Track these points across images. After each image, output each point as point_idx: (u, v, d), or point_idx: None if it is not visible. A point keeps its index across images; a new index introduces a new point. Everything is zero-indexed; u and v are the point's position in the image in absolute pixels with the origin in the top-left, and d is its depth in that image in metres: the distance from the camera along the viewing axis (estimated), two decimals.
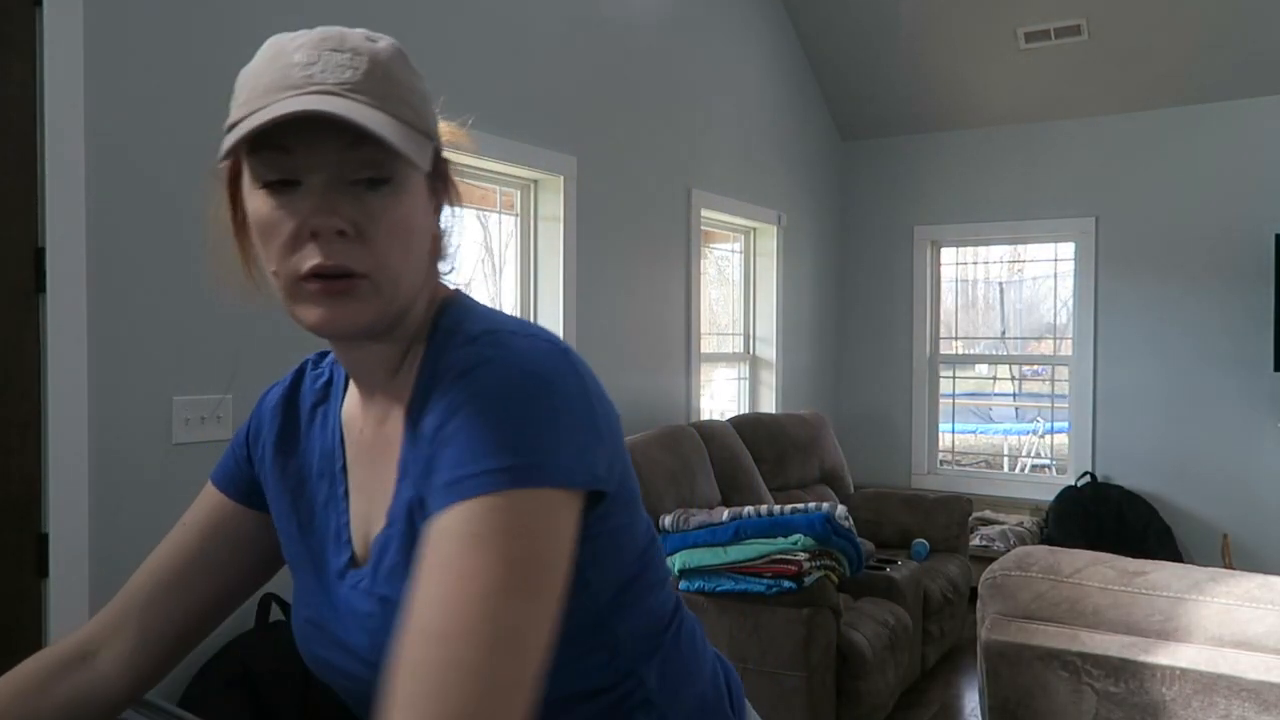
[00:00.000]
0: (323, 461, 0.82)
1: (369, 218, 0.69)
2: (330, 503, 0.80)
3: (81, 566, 1.86)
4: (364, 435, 0.79)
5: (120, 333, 1.94)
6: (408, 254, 0.72)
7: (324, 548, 0.80)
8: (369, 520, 0.77)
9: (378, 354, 0.76)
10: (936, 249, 5.18)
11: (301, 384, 0.88)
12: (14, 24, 1.76)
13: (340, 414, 0.83)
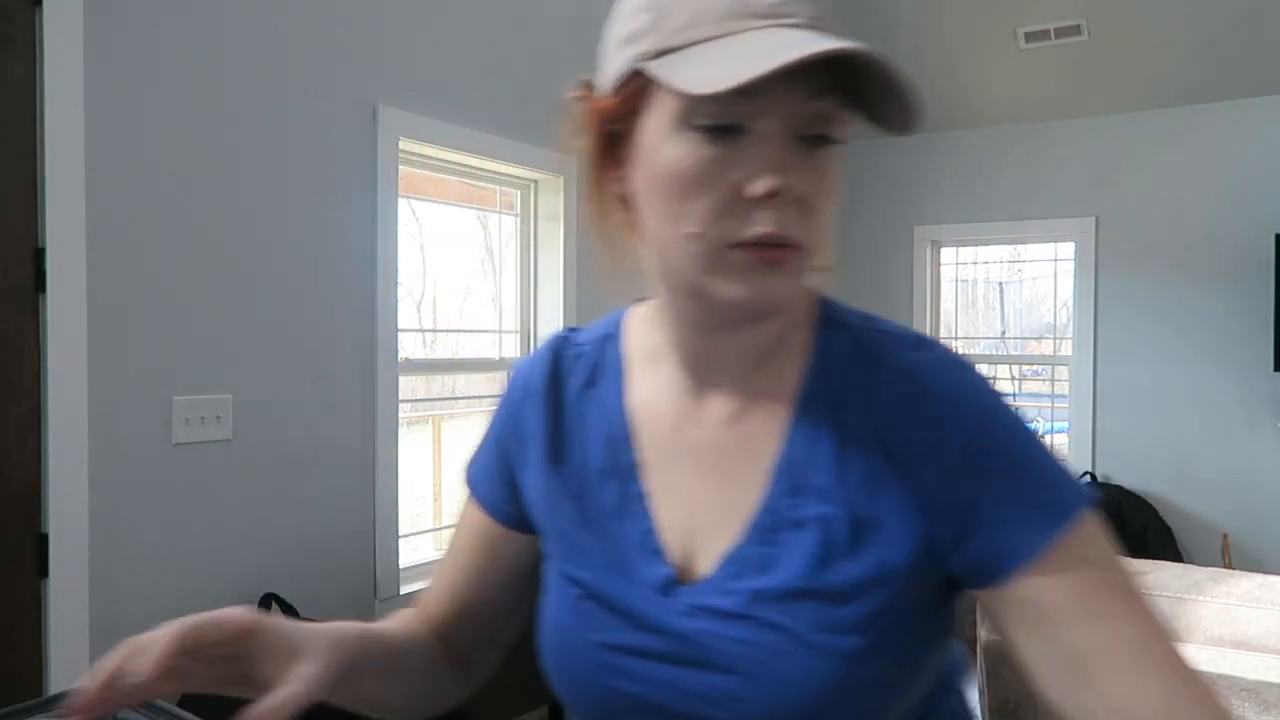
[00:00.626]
0: (608, 457, 0.71)
1: (817, 181, 0.59)
2: (626, 505, 0.69)
3: (81, 566, 1.86)
4: (683, 432, 0.69)
5: (120, 333, 1.94)
6: (827, 220, 0.61)
7: (623, 559, 0.68)
8: (696, 527, 0.67)
9: (753, 340, 0.66)
10: (936, 249, 5.18)
11: (560, 364, 0.76)
12: (14, 24, 1.76)
13: (622, 401, 0.72)
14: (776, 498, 0.64)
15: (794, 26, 0.57)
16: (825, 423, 0.64)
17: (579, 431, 0.73)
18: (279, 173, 2.24)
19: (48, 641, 1.82)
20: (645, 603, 0.66)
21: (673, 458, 0.69)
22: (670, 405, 0.70)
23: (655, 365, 0.72)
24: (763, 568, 0.63)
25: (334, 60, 2.36)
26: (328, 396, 2.37)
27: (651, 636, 0.66)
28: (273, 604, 2.17)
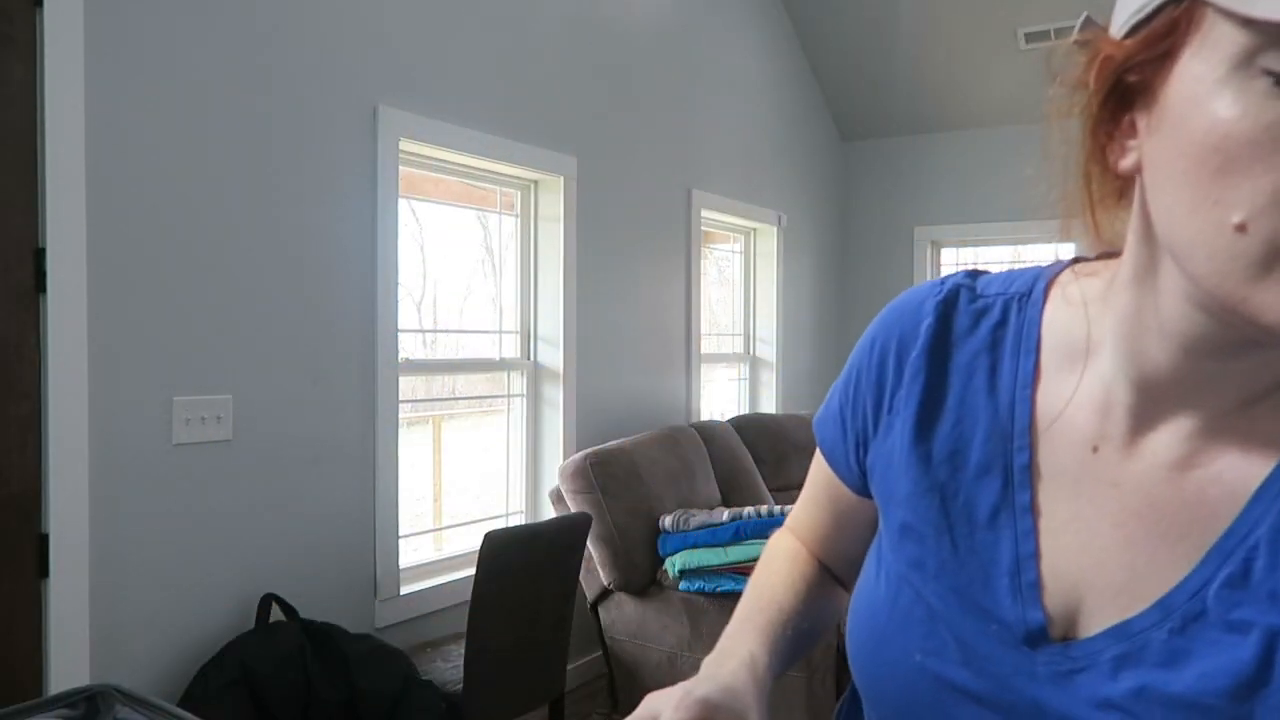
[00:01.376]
0: (992, 450, 0.57)
1: None
2: (1004, 516, 0.56)
3: (81, 566, 1.86)
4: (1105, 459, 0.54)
5: (120, 333, 1.94)
6: None
7: (984, 582, 0.56)
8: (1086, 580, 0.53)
9: (1258, 372, 0.49)
10: (936, 249, 5.18)
11: (954, 322, 0.61)
12: (14, 24, 1.76)
13: (1030, 390, 0.57)
14: (1212, 581, 0.49)
15: None
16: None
17: (961, 409, 0.59)
18: (279, 173, 2.24)
19: (48, 641, 1.82)
20: (999, 645, 0.55)
21: (1080, 484, 0.54)
22: (1094, 419, 0.55)
23: (1083, 360, 0.56)
24: (1166, 662, 0.49)
25: (334, 60, 2.36)
26: (328, 396, 2.37)
27: (996, 687, 0.54)
28: (273, 604, 2.17)
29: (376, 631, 2.45)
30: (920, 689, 0.57)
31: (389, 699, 2.11)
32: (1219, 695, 0.47)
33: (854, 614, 0.64)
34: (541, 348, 3.21)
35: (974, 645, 0.55)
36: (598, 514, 2.76)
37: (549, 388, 3.20)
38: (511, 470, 3.20)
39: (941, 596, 0.57)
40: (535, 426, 3.21)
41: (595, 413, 3.32)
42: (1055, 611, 0.54)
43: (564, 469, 2.89)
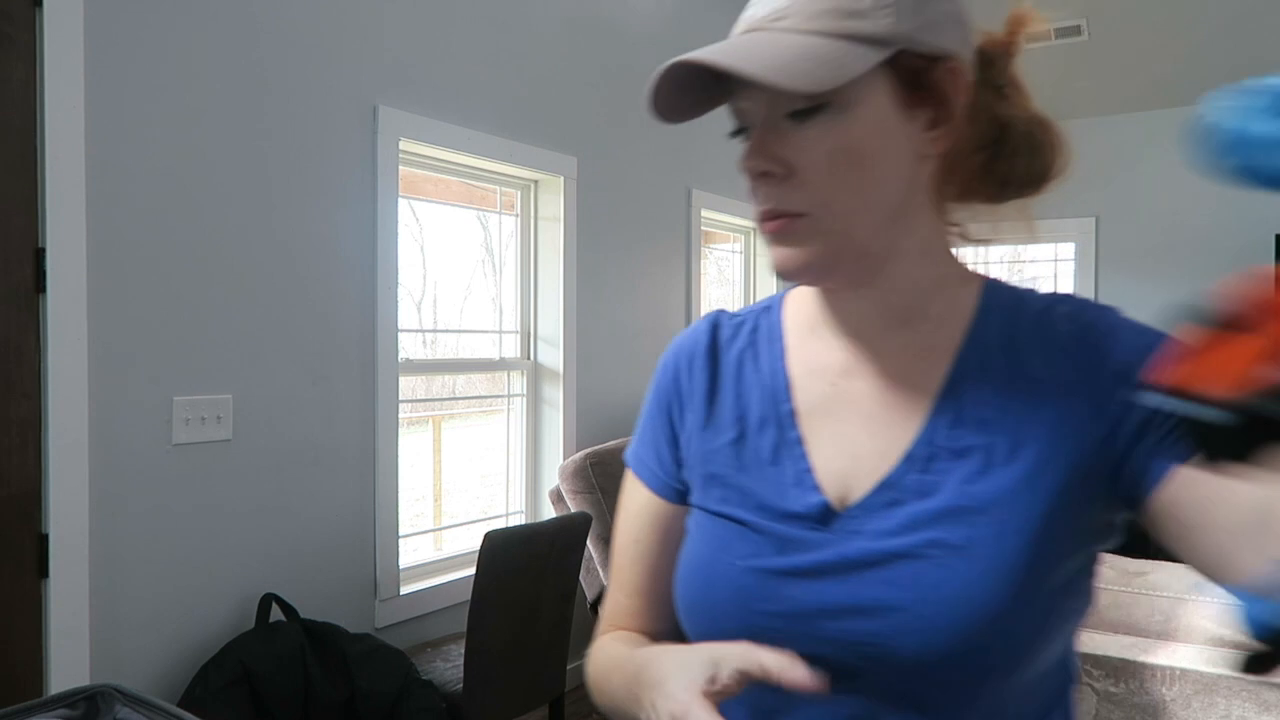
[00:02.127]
0: (764, 408, 0.75)
1: (800, 152, 0.64)
2: (782, 449, 0.73)
3: (81, 566, 1.86)
4: (837, 387, 0.73)
5: (120, 333, 1.94)
6: (860, 183, 0.64)
7: (779, 497, 0.71)
8: (852, 467, 0.70)
9: (872, 302, 0.71)
10: None
11: (719, 335, 0.82)
12: (14, 24, 1.76)
13: (783, 361, 0.77)
14: (936, 430, 0.68)
15: (748, 32, 0.65)
16: (989, 364, 0.68)
17: (738, 388, 0.78)
18: (279, 173, 2.24)
19: (48, 641, 1.82)
20: (798, 531, 0.69)
21: (830, 407, 0.73)
22: (828, 362, 0.74)
23: (814, 331, 0.76)
24: (921, 493, 0.66)
25: (334, 60, 2.36)
26: (328, 396, 2.37)
27: (803, 557, 0.68)
28: (273, 604, 2.17)
29: (376, 631, 2.45)
30: (748, 589, 0.69)
31: (389, 699, 2.11)
32: (964, 497, 0.65)
33: (680, 571, 0.76)
34: (541, 348, 3.21)
35: (782, 536, 0.70)
36: (598, 514, 2.76)
37: (549, 388, 3.20)
38: (511, 470, 3.20)
39: (751, 511, 0.72)
40: (535, 426, 3.21)
41: (595, 413, 3.32)
42: (833, 496, 0.70)
43: (564, 469, 2.89)
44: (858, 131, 0.63)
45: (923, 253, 0.70)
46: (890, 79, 0.64)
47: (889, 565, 0.65)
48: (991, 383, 0.68)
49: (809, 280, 0.70)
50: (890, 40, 0.62)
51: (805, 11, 0.63)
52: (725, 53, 0.61)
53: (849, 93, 0.62)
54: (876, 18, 0.62)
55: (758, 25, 0.65)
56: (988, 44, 0.72)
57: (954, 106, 0.66)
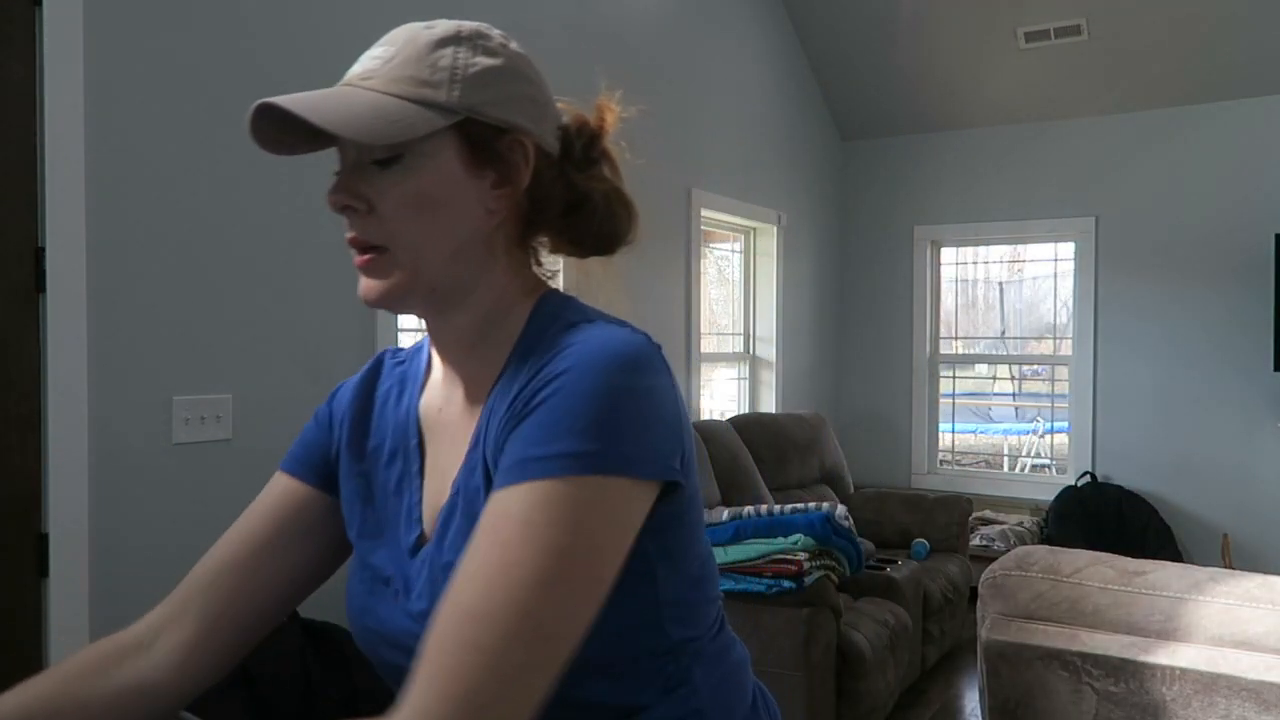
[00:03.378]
0: (395, 441, 0.82)
1: (380, 193, 0.73)
2: (404, 481, 0.80)
3: (81, 566, 1.86)
4: (443, 414, 0.80)
5: (120, 333, 1.94)
6: (428, 226, 0.73)
7: (396, 528, 0.79)
8: (439, 495, 0.77)
9: (450, 327, 0.78)
10: (936, 249, 5.18)
11: (380, 373, 0.89)
12: (14, 24, 1.76)
13: (418, 397, 0.83)
14: (470, 461, 0.74)
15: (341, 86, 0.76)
16: (503, 396, 0.73)
17: (380, 423, 0.85)
18: (278, 172, 2.24)
19: (48, 641, 1.82)
20: (404, 564, 0.77)
21: (437, 436, 0.80)
22: (441, 391, 0.81)
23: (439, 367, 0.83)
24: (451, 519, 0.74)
25: (334, 59, 2.36)
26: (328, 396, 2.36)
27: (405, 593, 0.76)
28: None
29: None
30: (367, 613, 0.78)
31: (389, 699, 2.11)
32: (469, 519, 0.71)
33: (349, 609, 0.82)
34: None
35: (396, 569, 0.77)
36: None
37: None
38: None
39: (379, 553, 0.79)
40: None
41: None
42: (428, 526, 0.76)
43: None
44: (426, 181, 0.73)
45: (492, 286, 0.77)
46: (458, 141, 0.74)
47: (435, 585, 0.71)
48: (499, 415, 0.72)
49: (389, 307, 0.75)
50: (456, 109, 0.73)
51: (389, 76, 0.74)
52: (305, 101, 0.70)
53: (420, 147, 0.72)
54: (447, 89, 0.74)
55: (350, 81, 0.76)
56: (575, 125, 0.88)
57: (518, 171, 0.76)
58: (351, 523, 0.83)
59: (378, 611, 0.78)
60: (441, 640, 0.59)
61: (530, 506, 0.62)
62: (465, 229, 0.75)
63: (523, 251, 0.82)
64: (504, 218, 0.78)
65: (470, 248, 0.76)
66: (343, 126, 0.70)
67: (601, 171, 0.89)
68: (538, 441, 0.64)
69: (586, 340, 0.70)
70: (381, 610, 0.77)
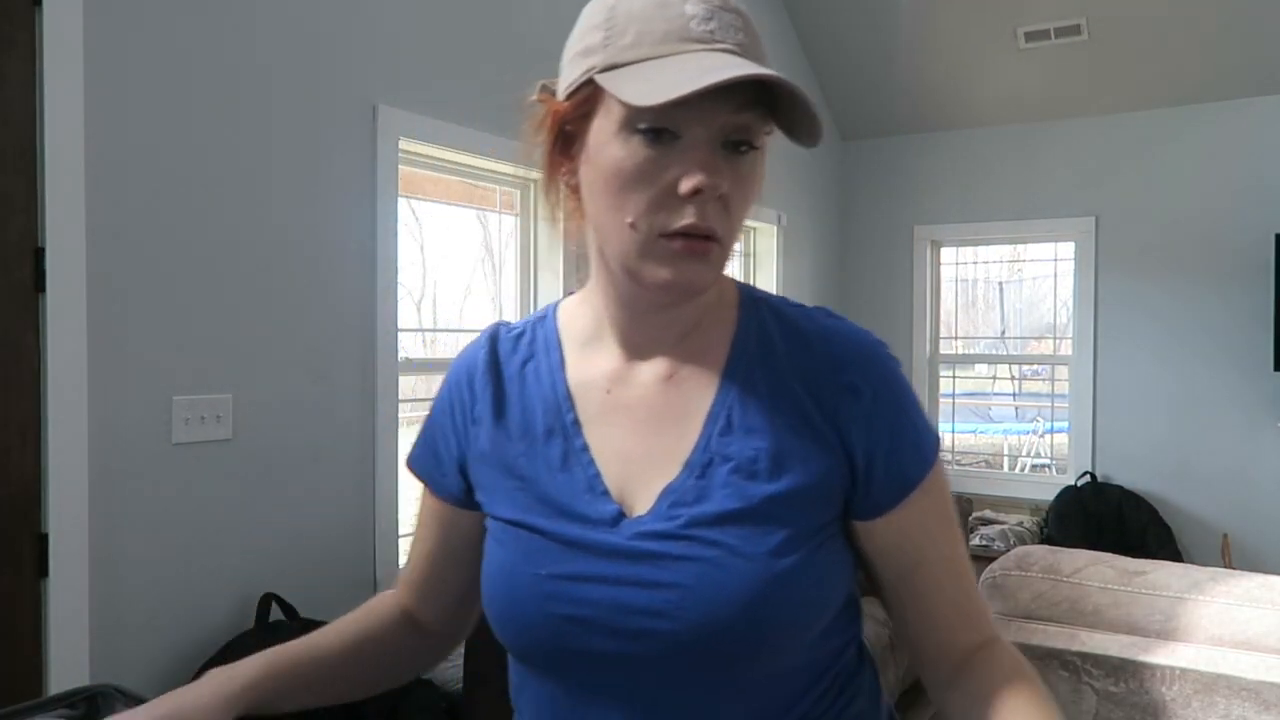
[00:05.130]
0: (549, 418, 0.80)
1: (737, 183, 0.69)
2: (570, 457, 0.78)
3: (81, 566, 1.86)
4: (615, 394, 0.78)
5: (120, 333, 1.94)
6: (746, 218, 0.73)
7: (571, 503, 0.76)
8: (633, 473, 0.76)
9: (677, 316, 0.77)
10: (936, 249, 5.18)
11: (499, 348, 0.85)
12: (14, 24, 1.76)
13: (562, 371, 0.81)
14: (710, 438, 0.74)
15: (723, 51, 0.68)
16: (755, 376, 0.76)
17: (522, 400, 0.82)
18: (279, 172, 2.23)
19: (48, 641, 1.82)
20: (594, 536, 0.74)
21: (609, 416, 0.78)
22: (604, 373, 0.79)
23: (589, 342, 0.82)
24: (698, 498, 0.72)
25: (334, 60, 2.36)
26: (328, 396, 2.36)
27: (599, 563, 0.73)
28: (272, 604, 2.17)
29: None
30: (549, 594, 0.73)
31: (389, 699, 2.11)
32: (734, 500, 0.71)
33: (485, 583, 0.79)
34: None
35: (579, 543, 0.74)
36: None
37: None
38: None
39: (548, 518, 0.76)
40: None
41: None
42: (621, 501, 0.75)
43: None
44: (761, 170, 0.72)
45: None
46: None
47: (672, 565, 0.71)
48: (755, 393, 0.75)
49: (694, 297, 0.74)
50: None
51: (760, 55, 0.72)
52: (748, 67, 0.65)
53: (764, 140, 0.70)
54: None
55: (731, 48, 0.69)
56: None
57: None
58: (504, 503, 0.80)
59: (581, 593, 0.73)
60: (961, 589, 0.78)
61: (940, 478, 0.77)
62: None
63: None
64: None
65: None
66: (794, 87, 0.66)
67: None
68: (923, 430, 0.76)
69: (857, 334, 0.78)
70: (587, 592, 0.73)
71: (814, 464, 0.73)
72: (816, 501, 0.73)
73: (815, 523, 0.73)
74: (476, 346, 0.87)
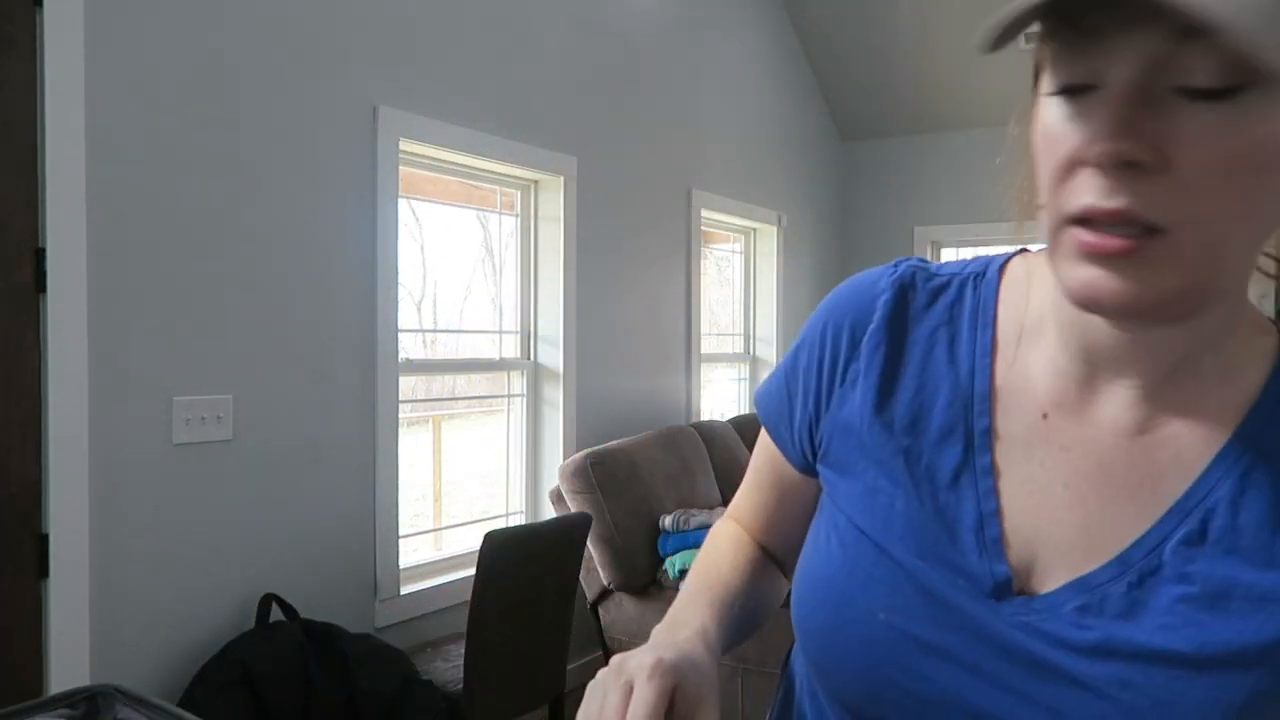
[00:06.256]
0: (952, 414, 0.60)
1: (1186, 143, 0.44)
2: (966, 477, 0.58)
3: (81, 566, 1.86)
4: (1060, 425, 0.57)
5: (121, 333, 1.94)
6: (1250, 205, 0.46)
7: (949, 538, 0.57)
8: (1045, 535, 0.55)
9: (1159, 340, 0.53)
10: (936, 249, 5.18)
11: (910, 295, 0.64)
12: (14, 24, 1.76)
13: (990, 359, 0.60)
14: (1170, 539, 0.52)
15: None
16: (1271, 467, 0.51)
17: (921, 379, 0.62)
18: (279, 173, 2.24)
19: (48, 641, 1.82)
20: (966, 599, 0.55)
21: (1032, 448, 0.57)
22: (1049, 387, 0.58)
23: (1036, 333, 0.60)
24: (1124, 613, 0.52)
25: (334, 60, 2.36)
26: (328, 396, 2.36)
27: (962, 637, 0.55)
28: (273, 604, 2.17)
29: (376, 631, 2.45)
30: (885, 646, 0.57)
31: (389, 699, 2.11)
32: (1180, 643, 0.50)
33: (804, 583, 0.64)
34: (541, 348, 3.21)
35: (941, 599, 0.56)
36: (598, 514, 2.76)
37: (549, 388, 3.20)
38: (511, 470, 3.20)
39: (908, 553, 0.58)
40: (535, 426, 3.21)
41: (595, 413, 3.32)
42: (1017, 566, 0.55)
43: (564, 469, 2.89)
44: (1266, 132, 0.44)
45: (1241, 290, 0.53)
46: None
47: (1063, 690, 0.52)
48: (1267, 490, 0.51)
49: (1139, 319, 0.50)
50: None
51: None
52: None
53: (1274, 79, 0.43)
54: None
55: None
56: None
57: None
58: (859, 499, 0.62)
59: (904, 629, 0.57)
60: None
61: None
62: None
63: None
64: None
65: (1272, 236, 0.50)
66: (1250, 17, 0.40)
67: None
68: None
69: None
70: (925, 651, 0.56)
71: None
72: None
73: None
74: (877, 289, 0.65)
